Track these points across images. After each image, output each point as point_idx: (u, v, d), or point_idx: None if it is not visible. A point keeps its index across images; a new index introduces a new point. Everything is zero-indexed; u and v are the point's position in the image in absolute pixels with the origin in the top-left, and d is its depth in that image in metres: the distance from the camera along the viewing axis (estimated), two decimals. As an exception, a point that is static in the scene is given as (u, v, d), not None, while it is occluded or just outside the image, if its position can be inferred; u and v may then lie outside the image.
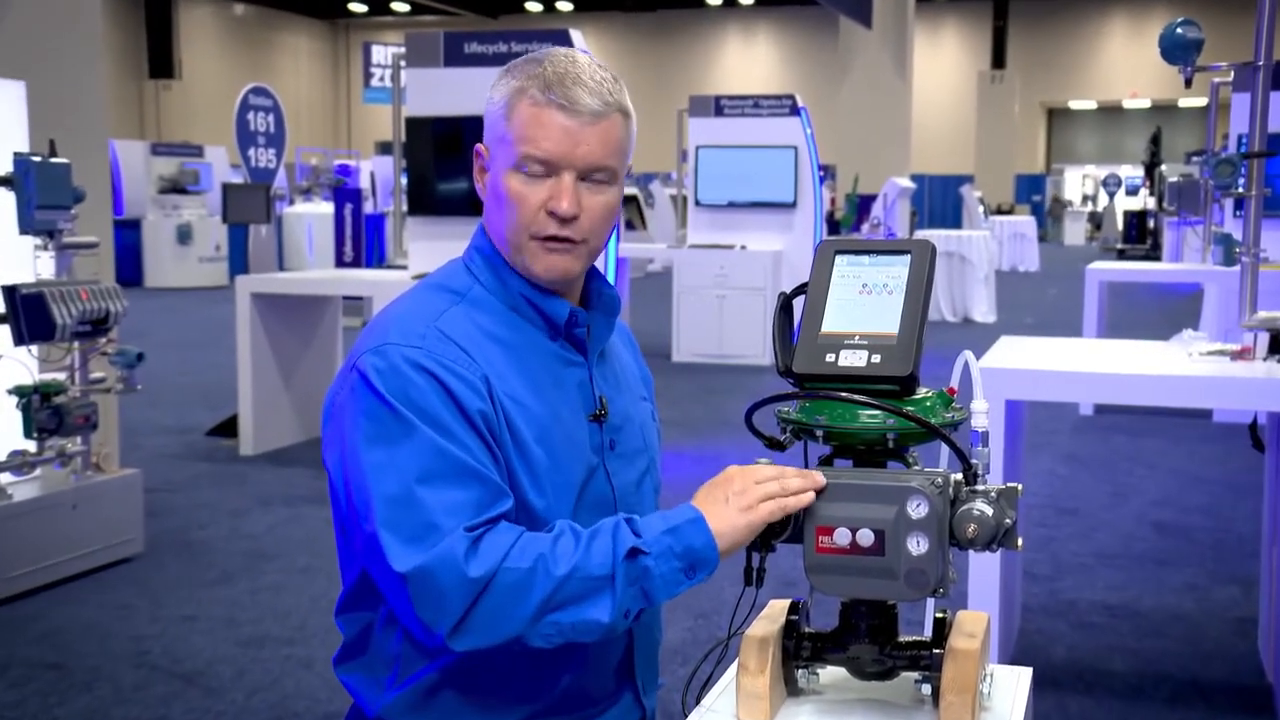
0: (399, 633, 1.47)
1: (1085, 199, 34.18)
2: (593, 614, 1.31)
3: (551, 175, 1.43)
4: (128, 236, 16.17)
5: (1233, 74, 6.71)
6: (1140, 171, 26.76)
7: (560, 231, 1.44)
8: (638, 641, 1.57)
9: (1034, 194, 32.93)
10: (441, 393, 1.37)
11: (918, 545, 1.25)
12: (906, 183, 14.07)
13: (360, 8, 31.87)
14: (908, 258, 1.35)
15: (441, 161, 6.09)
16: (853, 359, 1.31)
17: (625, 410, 1.57)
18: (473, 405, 1.38)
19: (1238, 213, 6.49)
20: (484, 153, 1.49)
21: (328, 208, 16.53)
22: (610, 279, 6.45)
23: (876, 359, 1.30)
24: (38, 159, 4.20)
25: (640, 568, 1.31)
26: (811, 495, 1.29)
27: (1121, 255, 22.90)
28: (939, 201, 30.65)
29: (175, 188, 17.13)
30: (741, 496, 1.31)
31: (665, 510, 1.37)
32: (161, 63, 29.54)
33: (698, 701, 1.40)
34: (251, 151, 11.72)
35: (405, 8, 32.73)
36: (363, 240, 10.38)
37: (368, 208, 13.62)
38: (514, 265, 1.48)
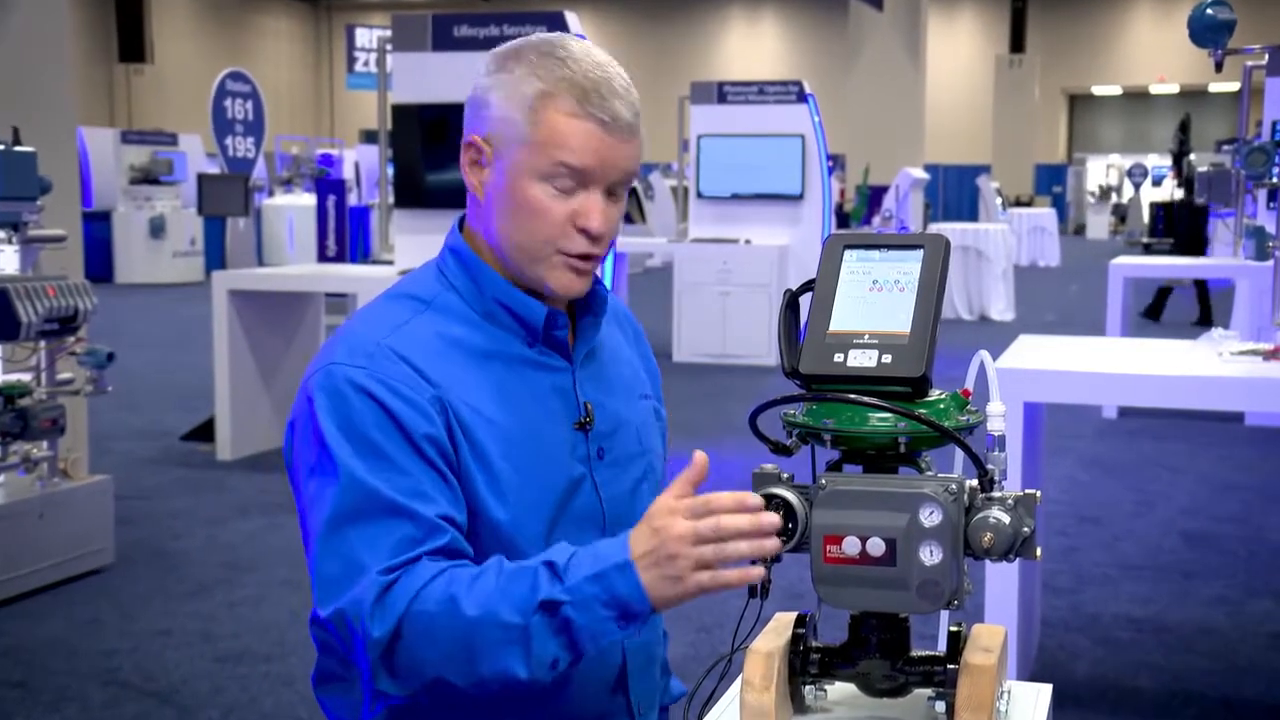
0: None
1: (1109, 190, 34.21)
2: (507, 666, 1.28)
3: (580, 189, 1.43)
4: (97, 229, 16.17)
5: (1267, 57, 6.70)
6: (1167, 161, 26.77)
7: (591, 250, 1.44)
8: (630, 658, 1.56)
9: (1054, 185, 32.95)
10: (383, 417, 1.36)
11: (931, 555, 1.25)
12: (920, 173, 14.08)
13: (343, -12, 31.94)
14: (920, 253, 1.35)
15: (430, 151, 6.09)
16: (862, 359, 1.31)
17: (616, 414, 1.55)
18: (419, 429, 1.36)
19: (1271, 204, 6.50)
20: (485, 149, 1.46)
21: (309, 199, 16.54)
22: (607, 275, 6.37)
23: (887, 359, 1.30)
24: (1, 147, 4.20)
25: (561, 619, 1.26)
26: (759, 571, 1.23)
27: (1147, 249, 22.89)
28: (954, 193, 30.66)
29: (147, 178, 17.13)
30: (671, 564, 1.23)
31: (600, 544, 1.31)
32: (132, 45, 29.50)
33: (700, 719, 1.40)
34: (228, 140, 11.72)
35: (391, -12, 32.76)
36: (346, 234, 10.37)
37: (352, 200, 13.63)
38: (520, 273, 1.46)
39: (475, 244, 1.51)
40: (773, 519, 1.23)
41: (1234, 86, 30.72)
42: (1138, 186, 29.11)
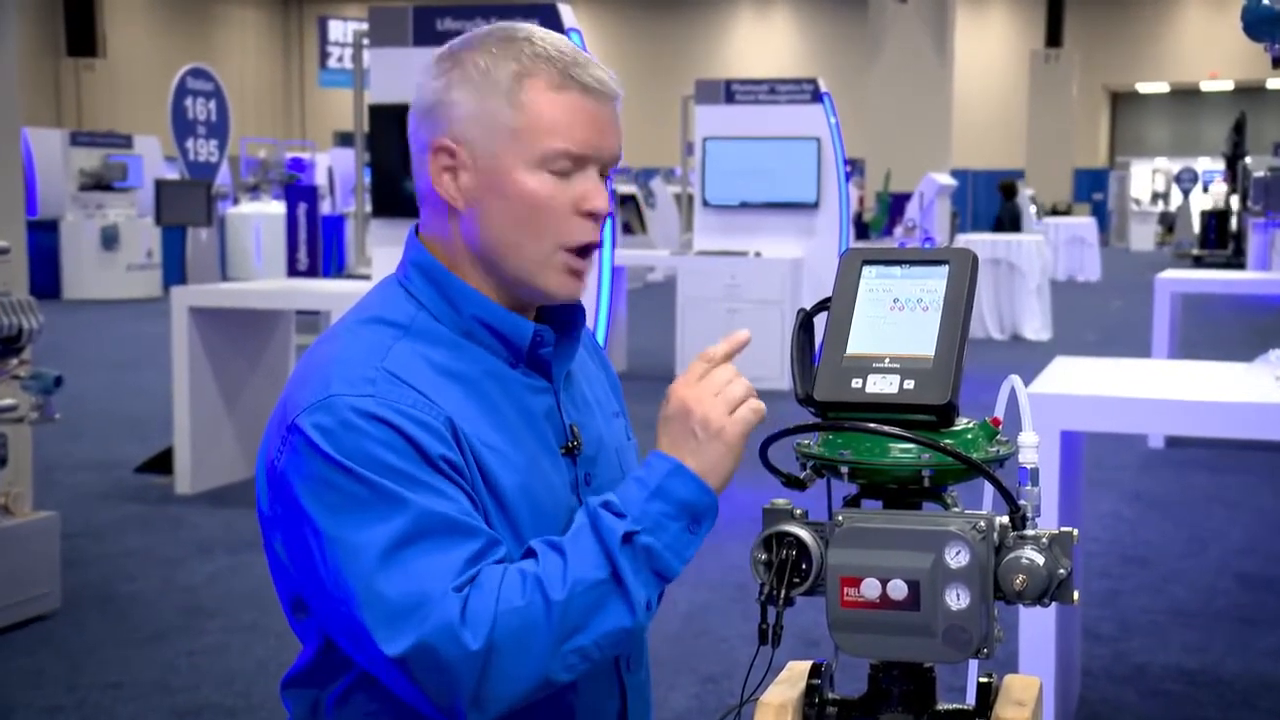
0: (358, 712, 1.47)
1: (1156, 197, 34.31)
2: (612, 622, 1.35)
3: (579, 171, 1.45)
4: (43, 240, 16.20)
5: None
6: (1220, 165, 26.88)
7: (594, 237, 1.46)
8: (631, 696, 1.59)
9: (1095, 191, 33.02)
10: (403, 444, 1.36)
11: (958, 599, 1.26)
12: (947, 179, 14.11)
13: (315, -24, 32.12)
14: (945, 269, 1.36)
15: (410, 155, 6.11)
16: (882, 385, 1.32)
17: (598, 436, 1.58)
18: (435, 451, 1.37)
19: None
20: (459, 149, 1.46)
21: (279, 208, 16.58)
22: (605, 290, 6.38)
23: (910, 385, 1.31)
24: (-58, 152, 4.21)
25: (641, 549, 1.35)
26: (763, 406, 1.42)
27: (1198, 262, 22.97)
28: (984, 201, 30.69)
29: (99, 184, 17.17)
30: (708, 422, 1.38)
31: (634, 472, 1.40)
32: (82, 37, 29.58)
33: (706, 779, 1.41)
34: (189, 142, 11.77)
35: (367, -24, 32.94)
36: (319, 245, 10.43)
37: (324, 208, 13.66)
38: (518, 281, 1.47)
39: (441, 255, 1.51)
40: (743, 334, 1.45)
41: (1292, 84, 30.87)
42: (1187, 193, 29.20)
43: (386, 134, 6.18)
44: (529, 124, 1.42)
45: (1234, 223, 23.41)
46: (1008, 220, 17.06)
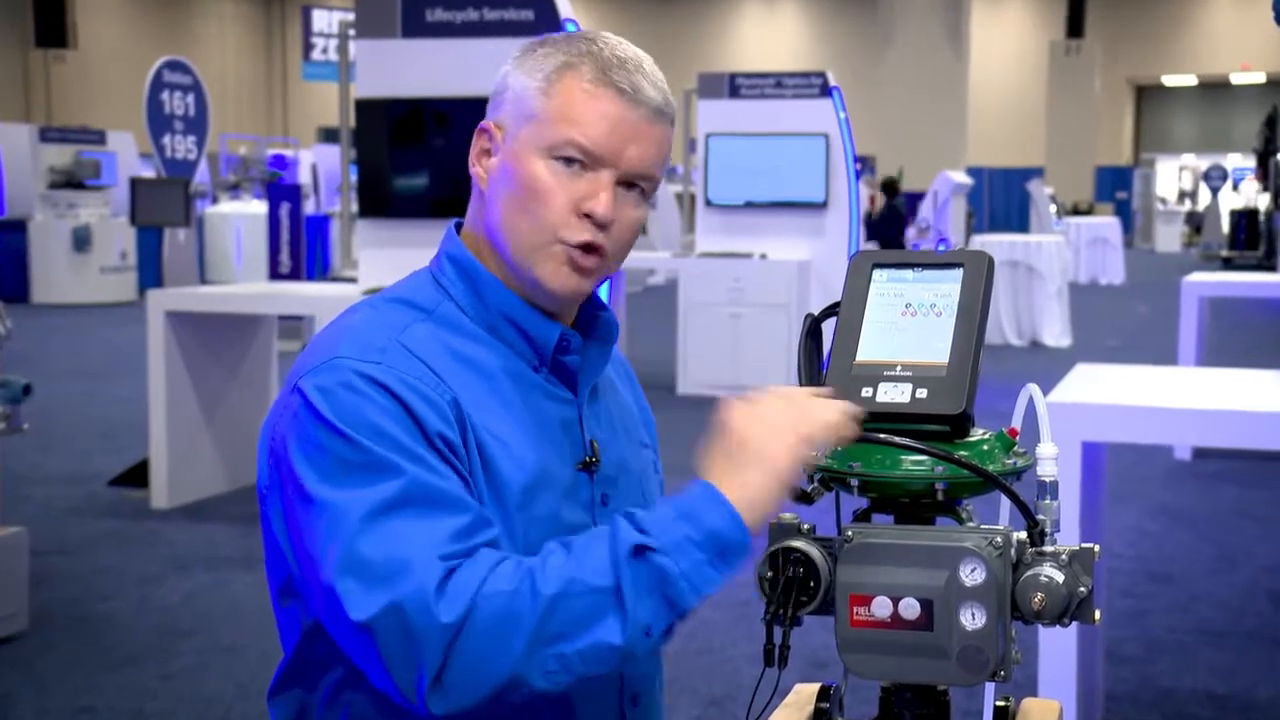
0: (344, 711, 1.48)
1: (1182, 196, 34.35)
2: (601, 636, 1.30)
3: (589, 171, 1.47)
4: (11, 241, 16.24)
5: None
6: (1251, 162, 26.93)
7: (595, 238, 1.47)
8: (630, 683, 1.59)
9: (1118, 190, 33.05)
10: (402, 414, 1.39)
11: (973, 618, 1.26)
12: (962, 178, 14.15)
13: (298, -36, 32.17)
14: (960, 272, 1.37)
15: (399, 152, 6.12)
16: (894, 393, 1.32)
17: (621, 458, 1.59)
18: (433, 427, 1.40)
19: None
20: (496, 132, 1.51)
21: (260, 207, 16.59)
22: (603, 293, 6.41)
23: (922, 394, 1.32)
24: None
25: (654, 569, 1.30)
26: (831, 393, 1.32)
27: (1227, 264, 23.02)
28: (1001, 200, 30.75)
29: (70, 182, 17.18)
30: (746, 442, 1.34)
31: (672, 495, 1.37)
32: (52, 28, 29.57)
33: (708, 808, 1.41)
34: (166, 139, 11.77)
35: (353, -36, 32.97)
36: (302, 247, 10.43)
37: (308, 208, 13.67)
38: (517, 268, 1.50)
39: (477, 251, 1.55)
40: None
41: (1325, 77, 30.92)
42: (1216, 192, 29.25)
43: (373, 130, 6.19)
44: (551, 111, 1.47)
45: (1265, 223, 23.44)
46: (893, 221, 15.48)
